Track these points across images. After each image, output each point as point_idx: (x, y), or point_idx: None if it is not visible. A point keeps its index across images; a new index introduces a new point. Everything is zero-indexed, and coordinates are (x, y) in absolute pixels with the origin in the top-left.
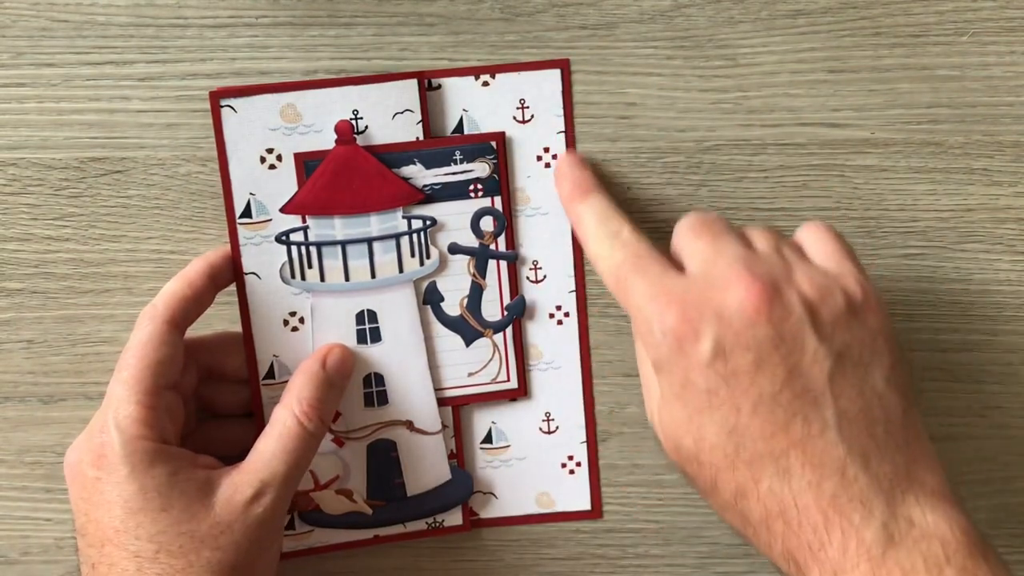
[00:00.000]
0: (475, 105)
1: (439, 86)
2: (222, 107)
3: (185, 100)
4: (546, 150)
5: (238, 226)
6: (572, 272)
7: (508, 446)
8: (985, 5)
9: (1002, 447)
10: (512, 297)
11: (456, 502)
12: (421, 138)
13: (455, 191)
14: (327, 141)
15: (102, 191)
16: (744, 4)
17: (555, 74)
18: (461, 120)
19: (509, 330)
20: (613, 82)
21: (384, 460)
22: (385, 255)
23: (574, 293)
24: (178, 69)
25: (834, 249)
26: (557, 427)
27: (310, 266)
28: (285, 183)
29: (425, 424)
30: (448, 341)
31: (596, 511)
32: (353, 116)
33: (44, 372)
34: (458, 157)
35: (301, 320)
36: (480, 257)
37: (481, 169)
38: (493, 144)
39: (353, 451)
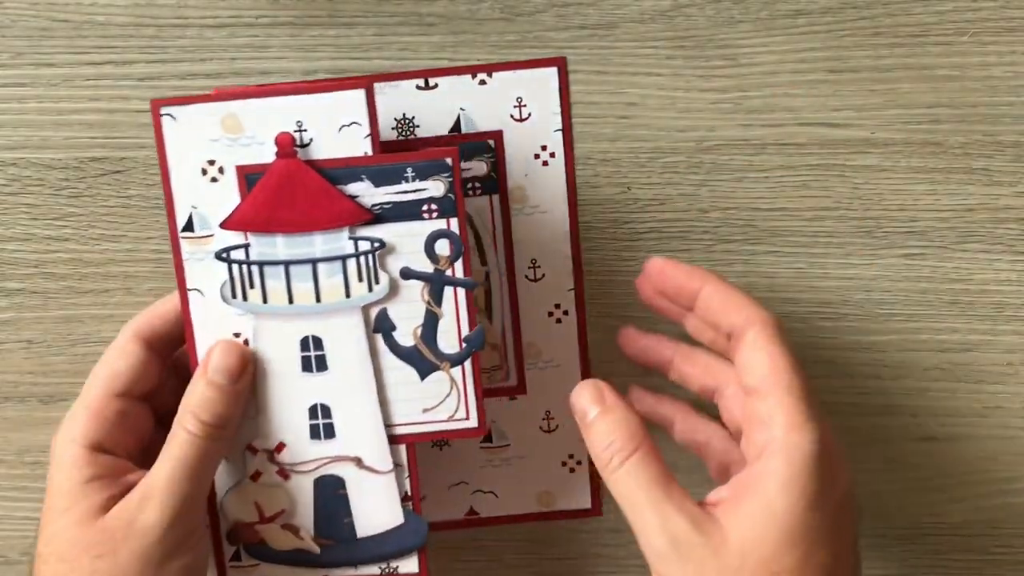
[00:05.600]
0: (472, 104)
1: (436, 85)
2: (162, 115)
3: None
4: (544, 148)
5: (180, 240)
6: (571, 270)
7: (508, 445)
8: (985, 5)
9: (1002, 447)
10: (471, 327)
11: (409, 549)
12: (370, 153)
13: (407, 211)
14: (270, 154)
15: (102, 191)
16: (744, 4)
17: (552, 72)
18: (458, 119)
19: (468, 364)
20: (613, 82)
21: (332, 497)
22: (331, 278)
23: (572, 291)
24: (178, 69)
25: None
26: (557, 425)
27: (252, 286)
28: (227, 197)
29: (374, 462)
30: (401, 374)
31: (596, 509)
32: (297, 128)
33: (44, 372)
34: (410, 175)
35: (246, 342)
36: (435, 283)
37: (435, 188)
38: (491, 143)
39: (299, 485)
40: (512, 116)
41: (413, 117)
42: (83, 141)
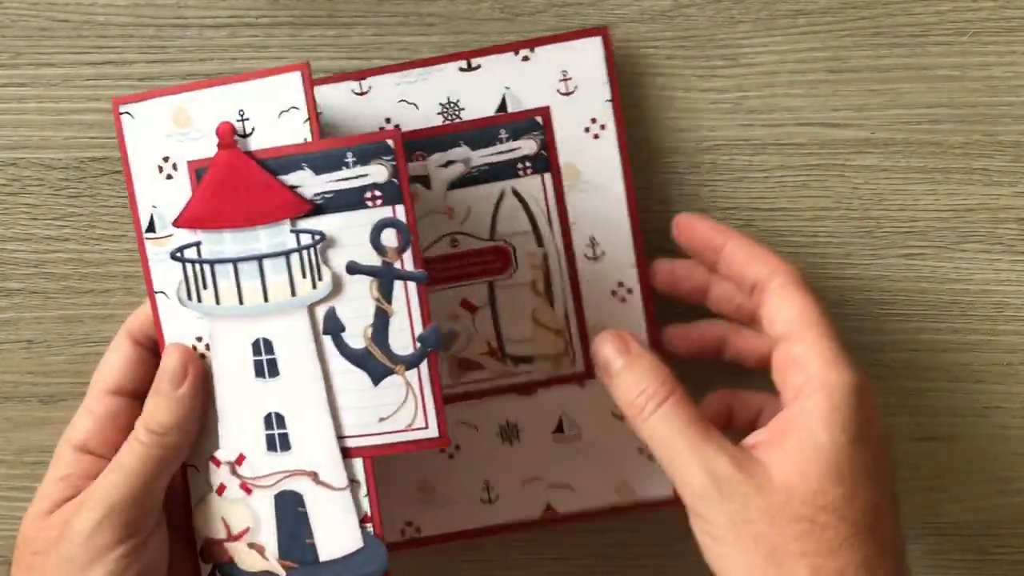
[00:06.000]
0: (517, 82)
1: (479, 66)
2: (121, 114)
3: None
4: (593, 121)
5: (144, 242)
6: (632, 246)
7: (579, 434)
8: (985, 5)
9: (1002, 447)
10: (425, 324)
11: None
12: (309, 139)
13: (349, 200)
14: (215, 147)
15: (102, 191)
16: (744, 4)
17: (596, 42)
18: (504, 99)
19: (424, 366)
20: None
21: (292, 514)
22: (276, 275)
23: (635, 269)
24: (178, 69)
25: None
26: None
27: (204, 287)
28: (181, 194)
29: (329, 478)
30: (353, 379)
31: (680, 499)
32: (239, 117)
33: (44, 372)
34: (350, 160)
35: (207, 346)
36: (384, 278)
37: (378, 173)
38: (539, 119)
39: (261, 501)
40: (559, 91)
41: (458, 100)
42: (83, 141)
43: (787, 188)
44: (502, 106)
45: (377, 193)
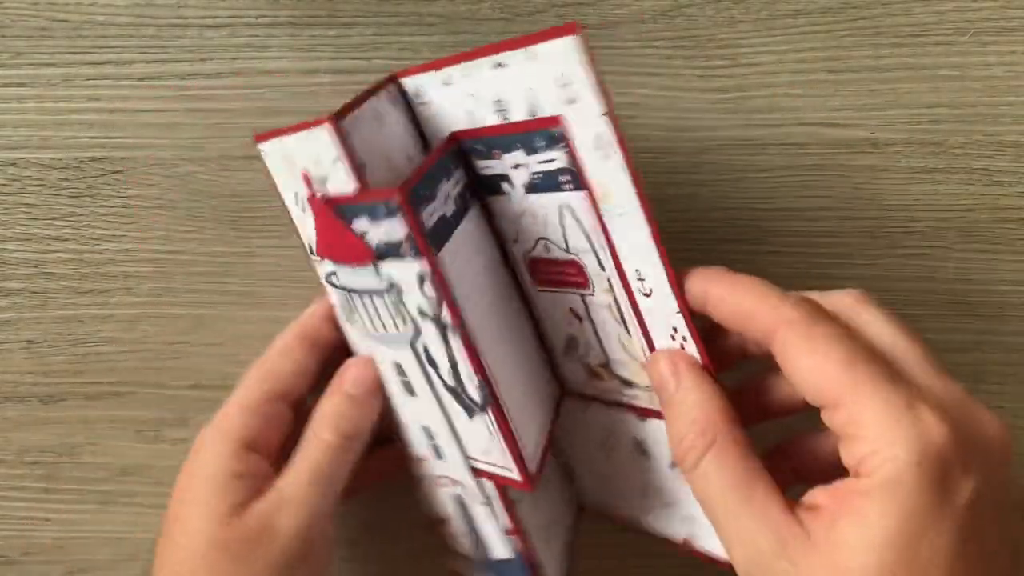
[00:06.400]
0: (535, 84)
1: (505, 65)
2: (260, 150)
3: (185, 100)
4: (599, 137)
5: (311, 262)
6: (669, 288)
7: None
8: (985, 5)
9: None
10: (478, 375)
11: None
12: (354, 188)
13: (394, 250)
14: None
15: (102, 191)
16: (744, 4)
17: (570, 43)
18: (531, 103)
19: (491, 414)
20: (613, 82)
21: (466, 515)
22: (381, 310)
23: (681, 315)
24: (178, 69)
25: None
26: None
27: (352, 310)
28: (312, 225)
29: (471, 492)
30: (458, 410)
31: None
32: (314, 163)
33: (44, 372)
34: (380, 214)
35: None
36: (438, 326)
37: (397, 230)
38: (558, 131)
39: (448, 497)
40: (564, 98)
41: (501, 99)
42: (83, 141)
43: (787, 188)
44: (531, 110)
45: (406, 247)
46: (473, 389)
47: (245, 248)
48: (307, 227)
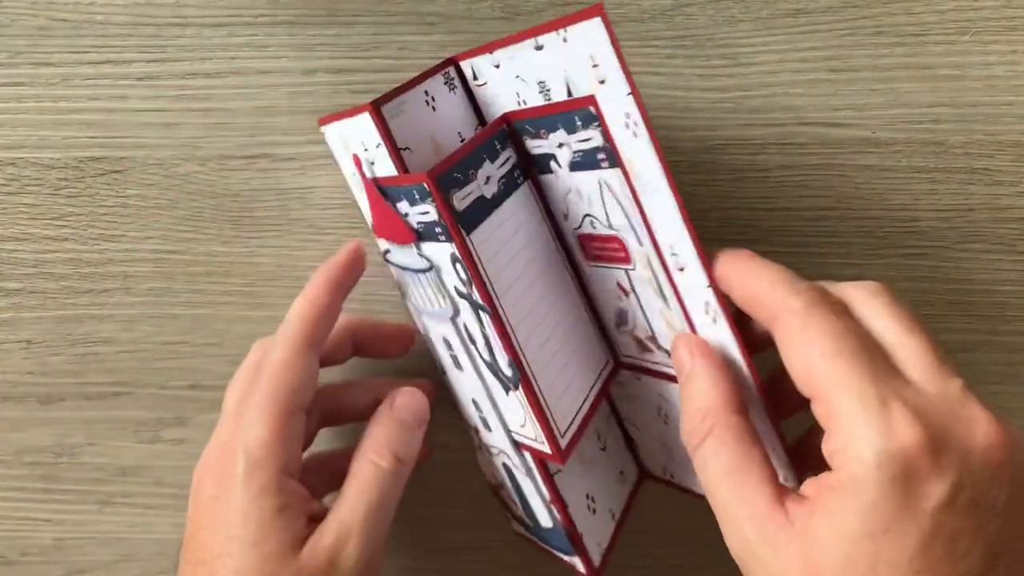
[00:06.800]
0: (569, 65)
1: (542, 47)
2: (324, 135)
3: (184, 99)
4: (627, 116)
5: (376, 241)
6: (700, 264)
7: None
8: (986, 4)
9: None
10: (508, 354)
11: (563, 552)
12: (395, 173)
13: (431, 232)
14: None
15: (101, 191)
16: (745, 3)
17: (597, 24)
18: (567, 83)
19: (522, 392)
20: None
21: (515, 482)
22: (427, 288)
23: (711, 289)
24: (177, 68)
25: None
26: None
27: (407, 285)
28: (367, 205)
29: (515, 463)
30: (498, 385)
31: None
32: (363, 147)
33: (43, 372)
34: (417, 197)
35: (426, 332)
36: (471, 305)
37: (431, 212)
38: (592, 110)
39: (497, 465)
40: (596, 78)
41: (543, 80)
42: (82, 141)
43: (787, 188)
44: (569, 91)
45: (438, 229)
46: (505, 366)
47: (245, 248)
48: (364, 207)
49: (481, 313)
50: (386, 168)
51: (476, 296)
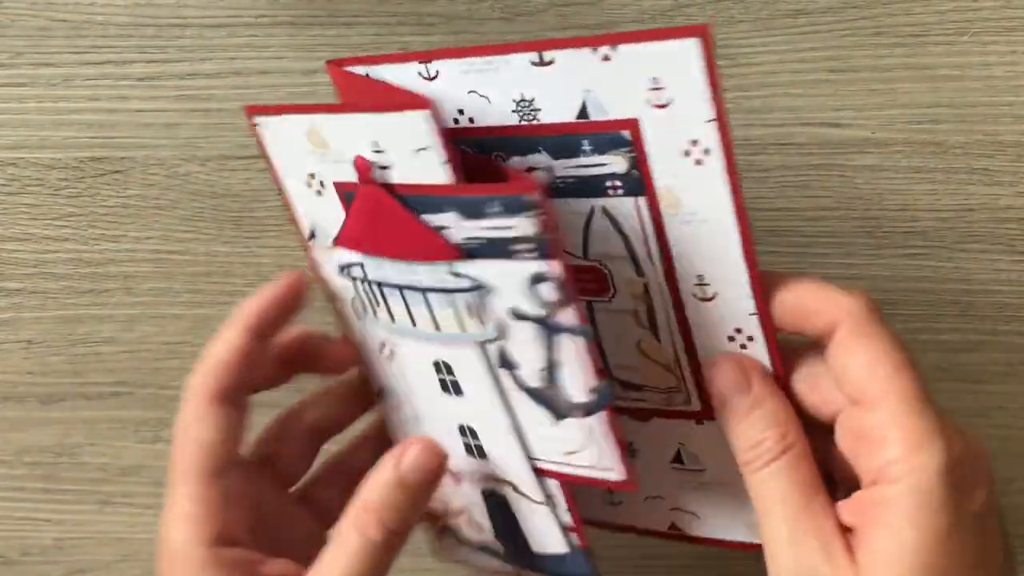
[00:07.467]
0: (599, 85)
1: (552, 61)
2: (255, 124)
3: (184, 100)
4: (694, 143)
5: (312, 247)
6: (751, 295)
7: (703, 470)
8: (986, 5)
9: (1002, 447)
10: (598, 378)
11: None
12: (448, 180)
13: (499, 249)
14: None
15: (101, 191)
16: (744, 3)
17: (693, 45)
18: (584, 104)
19: (603, 416)
20: None
21: (501, 510)
22: (443, 309)
23: (756, 316)
24: (177, 69)
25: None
26: None
27: (377, 304)
28: (333, 212)
29: (528, 491)
30: (536, 412)
31: None
32: (374, 148)
33: (43, 372)
34: (497, 210)
35: (391, 352)
36: (546, 329)
37: (525, 226)
38: (626, 134)
39: (471, 492)
40: (650, 102)
41: (532, 99)
42: (82, 141)
43: (787, 188)
44: (583, 112)
45: (530, 246)
46: (580, 394)
47: (245, 248)
48: (321, 212)
49: (563, 336)
50: (425, 175)
51: (567, 318)
